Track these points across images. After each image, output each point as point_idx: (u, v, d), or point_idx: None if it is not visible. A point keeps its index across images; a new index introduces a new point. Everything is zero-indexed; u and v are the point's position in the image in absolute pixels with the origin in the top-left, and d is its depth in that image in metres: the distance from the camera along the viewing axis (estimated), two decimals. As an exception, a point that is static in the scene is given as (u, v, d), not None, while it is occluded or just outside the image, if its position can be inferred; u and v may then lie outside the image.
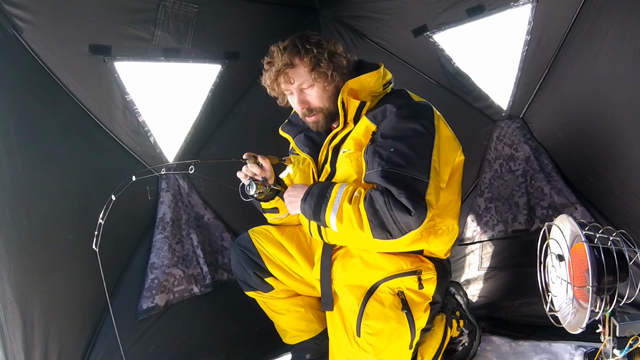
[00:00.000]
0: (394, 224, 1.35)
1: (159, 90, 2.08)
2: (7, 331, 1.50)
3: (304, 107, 1.61)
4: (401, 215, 1.33)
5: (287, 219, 1.87)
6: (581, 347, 1.80)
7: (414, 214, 1.32)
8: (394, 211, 1.33)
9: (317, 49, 1.54)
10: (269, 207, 1.81)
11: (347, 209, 1.40)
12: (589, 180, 2.02)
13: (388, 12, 2.38)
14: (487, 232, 2.33)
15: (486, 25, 2.12)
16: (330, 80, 1.57)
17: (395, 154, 1.41)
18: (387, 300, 1.56)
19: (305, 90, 1.59)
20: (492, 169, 2.31)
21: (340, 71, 1.59)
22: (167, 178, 2.09)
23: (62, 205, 1.74)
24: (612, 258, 1.36)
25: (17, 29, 1.61)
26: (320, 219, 1.48)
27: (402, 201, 1.33)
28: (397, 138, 1.44)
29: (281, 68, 1.56)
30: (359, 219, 1.39)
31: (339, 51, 1.60)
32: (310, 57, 1.53)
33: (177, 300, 2.03)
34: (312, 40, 1.56)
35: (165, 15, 1.94)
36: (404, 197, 1.33)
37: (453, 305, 1.96)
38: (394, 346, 1.56)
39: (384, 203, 1.35)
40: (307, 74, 1.56)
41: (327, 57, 1.54)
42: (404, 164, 1.39)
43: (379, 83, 1.62)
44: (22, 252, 1.57)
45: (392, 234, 1.37)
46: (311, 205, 1.48)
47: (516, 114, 2.22)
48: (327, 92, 1.59)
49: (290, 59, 1.55)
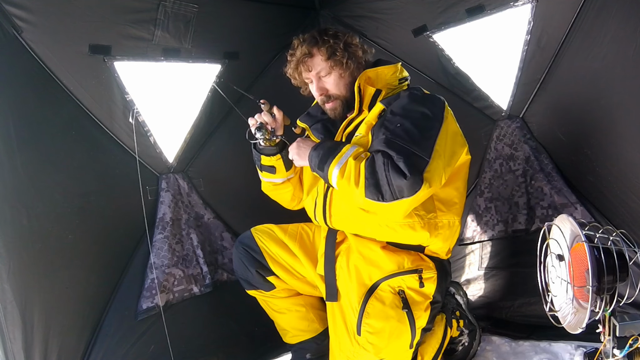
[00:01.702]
0: (387, 185, 1.37)
1: (159, 90, 2.08)
2: (7, 331, 1.50)
3: (322, 94, 1.70)
4: (396, 178, 1.35)
5: (280, 189, 1.91)
6: (581, 347, 1.80)
7: (408, 178, 1.34)
8: (390, 172, 1.36)
9: (333, 39, 1.66)
10: (268, 164, 1.83)
11: (351, 165, 1.44)
12: (589, 180, 2.02)
13: (388, 12, 2.38)
14: (487, 232, 2.33)
15: (486, 25, 2.12)
16: (345, 67, 1.66)
17: (400, 129, 1.45)
18: (388, 299, 1.56)
19: (323, 77, 1.69)
20: (492, 168, 2.31)
21: (355, 60, 1.69)
22: (167, 178, 2.09)
23: (62, 205, 1.74)
24: (612, 258, 1.36)
25: (17, 29, 1.61)
26: (323, 169, 1.51)
27: (400, 165, 1.36)
28: (405, 116, 1.49)
29: (300, 57, 1.69)
30: (357, 176, 1.42)
31: (354, 42, 1.71)
32: (327, 47, 1.65)
33: (177, 300, 2.03)
34: (330, 32, 1.69)
35: (165, 15, 1.94)
36: (402, 162, 1.36)
37: (453, 305, 1.96)
38: (395, 345, 1.56)
39: (382, 164, 1.38)
40: (324, 62, 1.67)
41: (342, 46, 1.66)
42: (408, 139, 1.42)
43: (395, 77, 1.70)
44: (22, 252, 1.57)
45: (383, 196, 1.38)
46: (320, 154, 1.53)
47: (516, 114, 2.22)
48: (344, 80, 1.69)
49: (308, 49, 1.68)
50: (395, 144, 1.41)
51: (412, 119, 1.48)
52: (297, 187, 1.94)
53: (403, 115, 1.50)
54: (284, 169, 1.83)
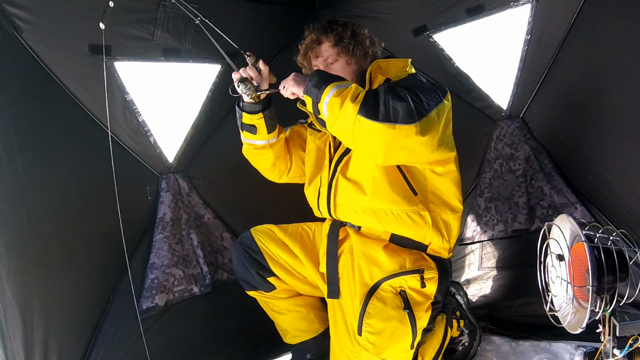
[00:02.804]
0: (384, 106, 1.35)
1: (159, 90, 2.08)
2: (7, 331, 1.50)
3: None
4: (394, 101, 1.35)
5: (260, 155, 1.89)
6: (581, 347, 1.80)
7: (408, 103, 1.35)
8: (389, 95, 1.37)
9: (341, 28, 1.72)
10: (249, 123, 1.78)
11: (352, 88, 1.42)
12: (589, 180, 2.02)
13: (388, 12, 2.38)
14: (487, 232, 2.33)
15: (486, 25, 2.12)
16: (351, 55, 1.70)
17: (404, 89, 1.43)
18: (389, 299, 1.56)
19: (330, 64, 1.72)
20: (492, 168, 2.31)
21: (361, 48, 1.72)
22: (167, 178, 2.09)
23: (62, 205, 1.74)
24: (612, 258, 1.36)
25: (17, 29, 1.61)
26: (321, 88, 1.44)
27: (400, 93, 1.38)
28: (410, 85, 1.50)
29: (309, 44, 1.75)
30: (355, 95, 1.39)
31: (362, 32, 1.75)
32: (335, 34, 1.70)
33: (177, 300, 2.03)
34: (339, 22, 1.75)
35: (165, 15, 1.94)
36: (405, 93, 1.38)
37: (453, 305, 1.96)
38: (395, 346, 1.56)
39: (383, 90, 1.39)
40: (331, 48, 1.71)
41: (350, 35, 1.70)
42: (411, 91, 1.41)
43: (404, 70, 1.70)
44: (22, 252, 1.57)
45: (377, 115, 1.35)
46: (322, 76, 1.50)
47: (516, 114, 2.22)
48: (351, 67, 1.72)
49: (317, 37, 1.73)
50: (400, 87, 1.43)
51: (416, 86, 1.50)
52: (281, 157, 1.91)
53: (408, 84, 1.51)
54: (265, 130, 1.78)
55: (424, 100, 1.42)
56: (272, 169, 1.95)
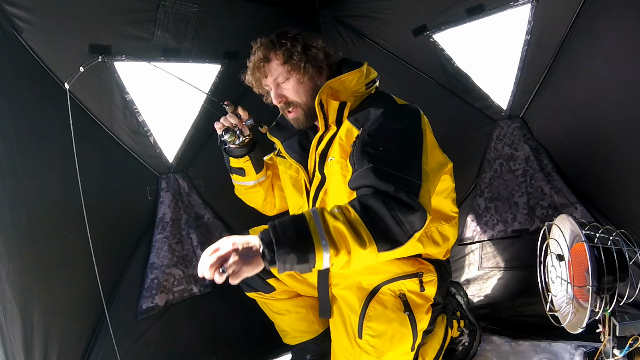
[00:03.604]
0: (398, 226, 1.19)
1: (158, 90, 2.08)
2: (7, 331, 1.50)
3: (281, 101, 1.59)
4: (405, 214, 1.19)
5: (251, 193, 1.90)
6: (581, 347, 1.80)
7: (417, 207, 1.21)
8: (396, 210, 1.19)
9: (291, 42, 1.53)
10: (237, 166, 1.80)
11: (338, 230, 1.16)
12: (589, 180, 2.02)
13: (388, 12, 2.38)
14: (487, 232, 2.33)
15: (486, 25, 2.12)
16: (303, 72, 1.54)
17: (384, 153, 1.33)
18: (389, 302, 1.56)
19: (281, 84, 1.58)
20: (492, 168, 2.31)
21: (314, 64, 1.55)
22: (167, 178, 2.09)
23: (62, 205, 1.74)
24: (612, 258, 1.36)
25: (17, 28, 1.61)
26: (308, 260, 1.15)
27: (402, 197, 1.21)
28: (385, 138, 1.38)
29: (257, 63, 1.57)
30: (354, 236, 1.16)
31: (315, 44, 1.56)
32: (284, 50, 1.53)
33: (176, 300, 2.03)
34: (289, 34, 1.56)
35: (165, 15, 1.94)
36: (403, 192, 1.21)
37: (454, 306, 1.96)
38: (396, 348, 1.56)
39: (382, 204, 1.19)
40: (280, 67, 1.55)
41: (300, 49, 1.53)
42: (395, 164, 1.31)
43: (361, 82, 1.58)
44: (21, 252, 1.57)
45: (398, 240, 1.20)
46: (287, 250, 1.14)
47: (516, 114, 2.22)
48: (304, 86, 1.57)
49: (265, 54, 1.56)
50: (387, 173, 1.26)
51: (393, 140, 1.37)
52: (269, 192, 1.92)
53: (383, 137, 1.38)
54: (253, 171, 1.80)
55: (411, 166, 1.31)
56: (264, 205, 1.96)
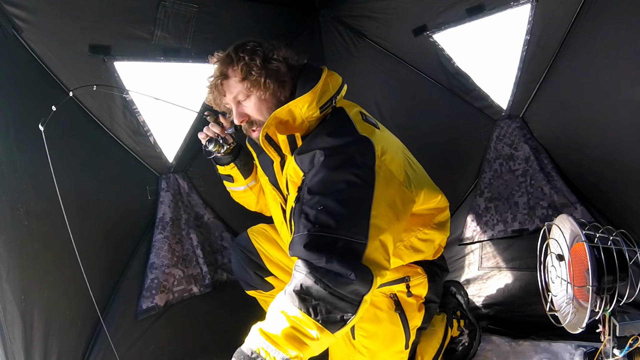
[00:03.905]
0: (341, 300, 1.12)
1: (158, 90, 2.08)
2: (7, 331, 1.50)
3: (243, 120, 1.48)
4: (343, 286, 1.12)
5: (244, 197, 1.88)
6: (581, 347, 1.80)
7: (354, 275, 1.12)
8: (333, 286, 1.11)
9: (249, 55, 1.41)
10: (224, 174, 1.80)
11: (285, 337, 1.12)
12: (589, 180, 2.02)
13: (388, 12, 2.38)
14: (487, 232, 2.33)
15: (486, 25, 2.12)
16: (264, 88, 1.41)
17: (324, 212, 1.20)
18: (380, 302, 1.55)
19: (242, 102, 1.47)
20: (492, 168, 2.31)
21: (276, 78, 1.42)
22: (167, 178, 2.09)
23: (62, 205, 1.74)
24: (612, 258, 1.36)
25: (17, 29, 1.61)
26: None
27: (335, 269, 1.12)
28: (326, 193, 1.24)
29: (214, 81, 1.48)
30: (303, 331, 1.12)
31: (275, 56, 1.44)
32: (242, 66, 1.41)
33: (176, 300, 2.03)
34: (247, 47, 1.44)
35: (165, 15, 1.94)
36: (336, 262, 1.12)
37: (454, 305, 1.96)
38: (390, 347, 1.56)
39: (316, 283, 1.12)
40: (239, 84, 1.43)
41: (259, 63, 1.41)
42: (334, 225, 1.18)
43: (312, 107, 1.38)
44: (21, 252, 1.57)
45: (348, 313, 1.14)
46: None
47: (516, 114, 2.22)
48: (266, 103, 1.44)
49: (222, 70, 1.46)
50: (321, 240, 1.17)
51: (335, 195, 1.23)
52: (261, 195, 1.89)
53: (323, 192, 1.24)
54: (241, 177, 1.79)
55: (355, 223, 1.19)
56: (257, 207, 1.94)
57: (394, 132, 1.60)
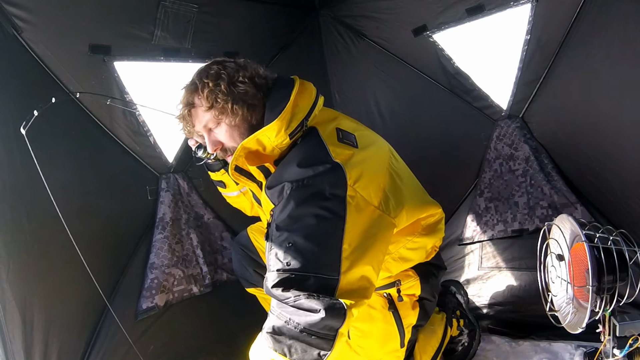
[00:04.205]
0: (316, 337, 1.10)
1: (158, 90, 2.08)
2: (7, 331, 1.50)
3: (217, 148, 1.43)
4: (314, 323, 1.09)
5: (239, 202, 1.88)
6: (581, 347, 1.80)
7: (323, 312, 1.08)
8: (304, 325, 1.09)
9: (214, 81, 1.35)
10: (217, 179, 1.81)
11: None
12: (589, 180, 2.02)
13: (388, 12, 2.38)
14: (487, 232, 2.33)
15: (486, 24, 2.12)
16: (232, 114, 1.34)
17: (292, 250, 1.16)
18: (373, 301, 1.55)
19: (213, 129, 1.41)
20: (492, 168, 2.31)
21: (244, 102, 1.35)
22: (167, 178, 2.09)
23: (62, 205, 1.73)
24: (612, 258, 1.36)
25: (17, 29, 1.61)
26: None
27: (304, 306, 1.10)
28: (294, 230, 1.18)
29: (182, 111, 1.43)
30: None
31: (241, 79, 1.36)
32: (207, 93, 1.34)
33: (176, 300, 2.03)
34: (211, 72, 1.37)
35: (165, 15, 1.94)
36: (305, 300, 1.10)
37: (453, 305, 1.96)
38: (385, 346, 1.56)
39: (285, 324, 1.11)
40: (207, 112, 1.37)
41: (225, 88, 1.34)
42: (304, 262, 1.14)
43: (282, 135, 1.30)
44: (21, 252, 1.57)
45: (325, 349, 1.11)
46: None
47: (516, 114, 2.22)
48: (238, 129, 1.38)
49: (188, 99, 1.40)
50: (290, 280, 1.13)
51: (303, 230, 1.17)
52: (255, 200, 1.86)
53: (291, 228, 1.19)
54: (233, 183, 1.78)
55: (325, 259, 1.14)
56: (252, 212, 1.93)
57: (393, 133, 1.60)
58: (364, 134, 1.45)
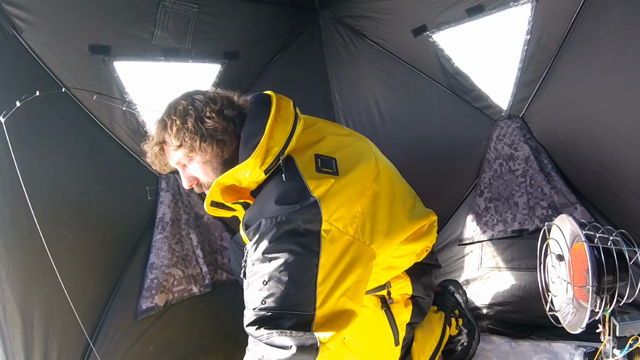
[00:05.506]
0: None
1: (158, 90, 2.08)
2: (7, 331, 1.50)
3: (192, 184, 1.42)
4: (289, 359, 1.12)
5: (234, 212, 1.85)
6: (581, 347, 1.80)
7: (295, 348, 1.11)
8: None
9: (181, 119, 1.31)
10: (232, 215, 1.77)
11: None
12: (589, 180, 2.02)
13: (388, 12, 2.38)
14: (487, 232, 2.33)
15: (486, 24, 2.12)
16: (201, 152, 1.32)
17: (267, 288, 1.17)
18: (366, 301, 1.54)
19: (187, 165, 1.40)
20: (491, 168, 2.31)
21: (213, 138, 1.32)
22: (167, 178, 2.09)
23: (62, 205, 1.74)
24: (612, 258, 1.36)
25: (17, 29, 1.61)
26: None
27: (276, 343, 1.12)
28: (269, 267, 1.18)
29: (153, 149, 1.41)
30: None
31: (209, 114, 1.32)
32: (175, 131, 1.32)
33: (176, 300, 2.03)
34: (179, 108, 1.33)
35: (165, 15, 1.94)
36: (276, 335, 1.12)
37: (452, 304, 1.96)
38: (379, 345, 1.56)
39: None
40: (177, 150, 1.35)
41: (192, 126, 1.30)
42: (278, 300, 1.15)
43: (257, 172, 1.27)
44: (21, 252, 1.57)
45: None
46: None
47: (516, 114, 2.22)
48: (211, 164, 1.36)
49: (159, 137, 1.38)
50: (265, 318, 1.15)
51: (278, 268, 1.17)
52: None
53: (266, 266, 1.19)
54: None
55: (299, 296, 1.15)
56: None
57: (393, 133, 1.59)
58: (347, 152, 1.39)
